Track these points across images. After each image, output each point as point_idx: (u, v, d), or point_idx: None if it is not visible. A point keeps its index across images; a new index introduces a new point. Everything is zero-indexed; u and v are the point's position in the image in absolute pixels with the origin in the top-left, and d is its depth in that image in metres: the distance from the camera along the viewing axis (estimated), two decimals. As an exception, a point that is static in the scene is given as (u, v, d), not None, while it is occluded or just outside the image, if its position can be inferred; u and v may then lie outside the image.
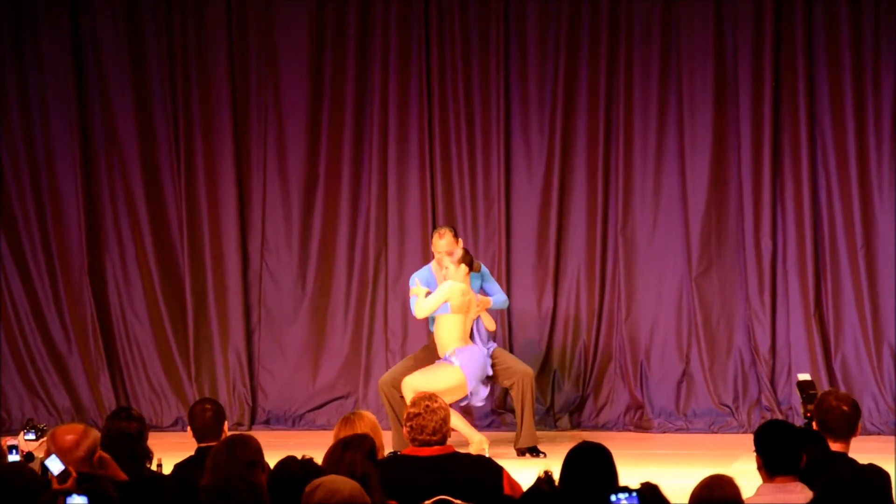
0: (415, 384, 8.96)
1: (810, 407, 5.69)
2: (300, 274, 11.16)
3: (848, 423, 5.51)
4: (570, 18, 10.74)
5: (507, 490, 5.44)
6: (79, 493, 4.37)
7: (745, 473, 5.26)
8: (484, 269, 9.60)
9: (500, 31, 10.82)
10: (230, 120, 11.15)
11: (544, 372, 10.73)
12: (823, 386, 10.07)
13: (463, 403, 9.29)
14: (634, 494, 4.28)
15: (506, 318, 10.83)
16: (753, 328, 10.52)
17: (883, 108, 10.33)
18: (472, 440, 9.05)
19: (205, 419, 6.01)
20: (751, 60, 10.47)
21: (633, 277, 10.69)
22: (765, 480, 4.98)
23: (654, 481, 4.45)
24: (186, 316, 11.17)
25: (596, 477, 4.66)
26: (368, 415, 5.80)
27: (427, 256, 10.99)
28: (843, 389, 10.14)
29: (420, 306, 9.20)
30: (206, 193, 11.16)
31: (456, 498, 5.30)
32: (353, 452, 4.95)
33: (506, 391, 11.00)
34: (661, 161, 10.69)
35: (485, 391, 9.23)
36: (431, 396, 5.57)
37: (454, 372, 9.09)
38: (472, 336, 9.25)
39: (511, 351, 10.85)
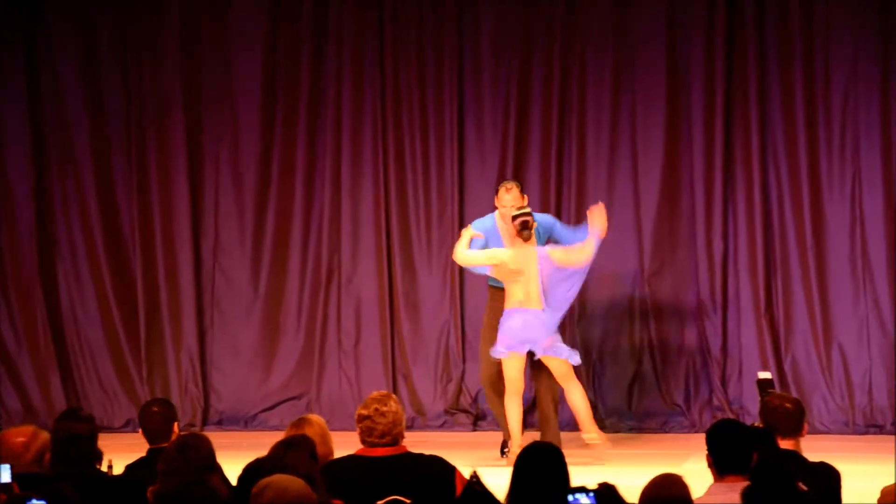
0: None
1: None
2: (253, 274, 11.13)
3: (793, 419, 5.56)
4: (524, 21, 10.77)
5: (459, 489, 5.44)
6: (37, 498, 4.33)
7: (696, 473, 5.29)
8: (547, 221, 9.16)
9: (455, 33, 10.84)
10: (182, 119, 11.11)
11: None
12: (775, 386, 10.14)
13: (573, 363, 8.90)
14: (592, 494, 4.29)
15: (460, 316, 10.85)
16: (705, 328, 10.58)
17: (833, 109, 10.42)
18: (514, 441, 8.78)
19: (154, 420, 5.98)
20: (703, 62, 10.54)
21: (585, 278, 10.70)
22: (715, 479, 5.01)
23: (610, 481, 4.47)
24: (138, 316, 11.11)
25: (548, 478, 4.67)
26: (317, 419, 5.78)
27: (380, 257, 10.99)
28: (793, 389, 10.25)
29: (461, 252, 8.92)
30: (158, 193, 11.12)
31: (407, 498, 5.30)
32: (295, 452, 4.95)
33: (459, 393, 11.00)
34: (614, 162, 10.74)
35: (554, 348, 8.82)
36: (383, 398, 5.56)
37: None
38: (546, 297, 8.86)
39: (463, 354, 10.87)
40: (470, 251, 8.90)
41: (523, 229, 8.81)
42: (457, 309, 10.87)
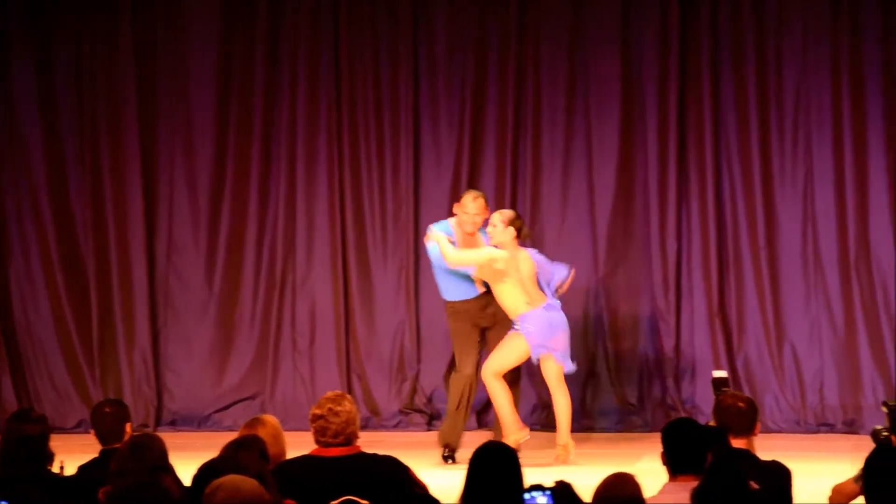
0: (489, 368, 8.82)
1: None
2: (207, 274, 11.09)
3: (745, 418, 5.59)
4: (478, 24, 10.79)
5: (412, 489, 5.43)
6: (2, 500, 4.30)
7: (650, 472, 5.31)
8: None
9: (410, 36, 10.85)
10: (136, 119, 11.05)
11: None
12: (729, 385, 10.20)
13: (566, 371, 8.90)
14: (549, 493, 4.31)
15: (415, 317, 10.85)
16: (658, 327, 10.63)
17: (785, 107, 10.49)
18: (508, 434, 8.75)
19: (106, 421, 5.94)
20: (656, 62, 10.59)
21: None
22: (669, 478, 5.03)
23: (566, 479, 4.48)
24: (91, 316, 11.05)
25: (502, 477, 4.67)
26: (271, 419, 5.77)
27: (335, 257, 10.98)
28: (745, 388, 10.30)
29: (450, 254, 8.78)
30: (111, 193, 11.06)
31: (362, 498, 5.30)
32: (245, 452, 4.95)
33: (414, 393, 10.99)
34: (569, 162, 10.77)
35: (563, 353, 8.85)
36: (337, 398, 5.56)
37: (519, 340, 8.80)
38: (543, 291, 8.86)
39: (418, 354, 10.87)
40: (462, 252, 8.85)
41: (521, 228, 8.87)
42: (412, 309, 10.87)
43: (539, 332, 8.78)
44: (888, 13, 10.28)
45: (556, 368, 8.88)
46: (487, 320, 9.05)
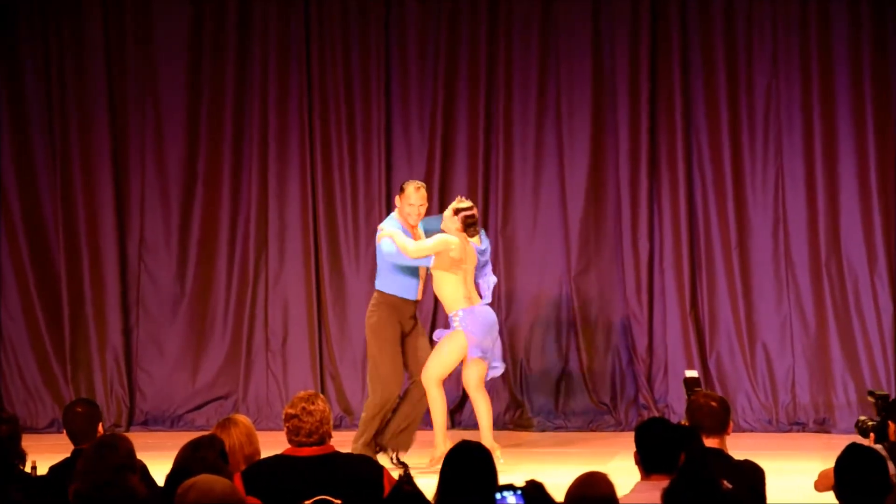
0: (431, 375, 8.65)
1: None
2: (179, 273, 11.06)
3: (717, 418, 5.60)
4: (449, 20, 10.80)
5: (387, 489, 5.43)
6: None
7: (622, 471, 5.32)
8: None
9: (381, 32, 10.85)
10: (107, 116, 11.02)
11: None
12: (701, 385, 10.23)
13: (487, 377, 8.79)
14: (520, 493, 4.31)
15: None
16: (631, 327, 10.65)
17: (756, 109, 10.53)
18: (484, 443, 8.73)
19: (77, 421, 5.92)
20: (628, 64, 10.61)
21: (512, 277, 10.77)
22: (642, 478, 5.04)
23: (537, 479, 4.48)
24: (62, 316, 11.00)
25: (475, 476, 4.68)
26: (244, 419, 5.76)
27: (308, 257, 10.95)
28: (717, 387, 10.34)
29: (410, 247, 8.64)
30: (82, 192, 11.02)
31: (336, 497, 5.29)
32: (205, 451, 4.95)
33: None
34: (541, 162, 10.79)
35: (498, 358, 8.76)
36: (310, 397, 5.54)
37: (459, 338, 8.67)
38: (480, 292, 8.77)
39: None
40: (420, 242, 8.74)
41: (470, 225, 8.74)
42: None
43: (479, 332, 8.66)
44: (855, 14, 10.33)
45: (480, 373, 8.73)
46: (408, 325, 8.91)
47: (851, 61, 10.35)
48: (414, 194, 8.87)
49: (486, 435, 8.72)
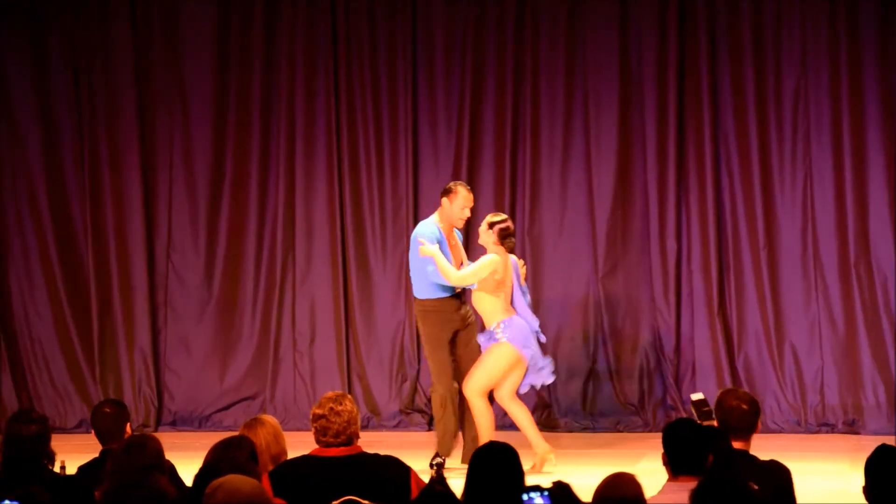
0: (476, 386, 8.55)
1: (706, 423, 5.75)
2: (207, 274, 11.09)
3: (748, 421, 5.58)
4: (476, 19, 10.80)
5: (414, 490, 5.44)
6: (10, 500, 4.30)
7: (650, 472, 5.31)
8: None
9: (408, 31, 10.85)
10: (135, 118, 11.06)
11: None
12: (727, 384, 10.21)
13: (538, 384, 8.82)
14: (546, 494, 4.30)
15: (407, 318, 10.84)
16: (658, 328, 10.63)
17: (784, 110, 10.49)
18: (537, 449, 8.64)
19: (105, 421, 5.95)
20: (655, 64, 10.59)
21: (540, 277, 10.76)
22: (669, 479, 5.03)
23: (564, 480, 4.48)
24: (91, 316, 11.05)
25: (503, 477, 4.68)
26: (271, 420, 5.77)
27: (335, 257, 10.96)
28: (745, 388, 10.29)
29: (453, 275, 8.50)
30: (111, 193, 11.06)
31: (364, 498, 5.30)
32: (235, 451, 4.96)
33: (414, 392, 10.99)
34: (568, 162, 10.77)
35: (546, 363, 8.71)
36: (338, 398, 5.55)
37: (504, 349, 8.60)
38: (512, 302, 8.67)
39: (418, 354, 10.86)
40: (463, 272, 8.58)
41: (506, 237, 8.64)
42: (411, 309, 10.85)
43: (522, 340, 8.60)
44: (884, 14, 10.28)
45: (513, 384, 8.65)
46: (459, 322, 8.84)
47: (880, 62, 10.30)
48: (469, 196, 8.70)
49: (537, 442, 8.66)
